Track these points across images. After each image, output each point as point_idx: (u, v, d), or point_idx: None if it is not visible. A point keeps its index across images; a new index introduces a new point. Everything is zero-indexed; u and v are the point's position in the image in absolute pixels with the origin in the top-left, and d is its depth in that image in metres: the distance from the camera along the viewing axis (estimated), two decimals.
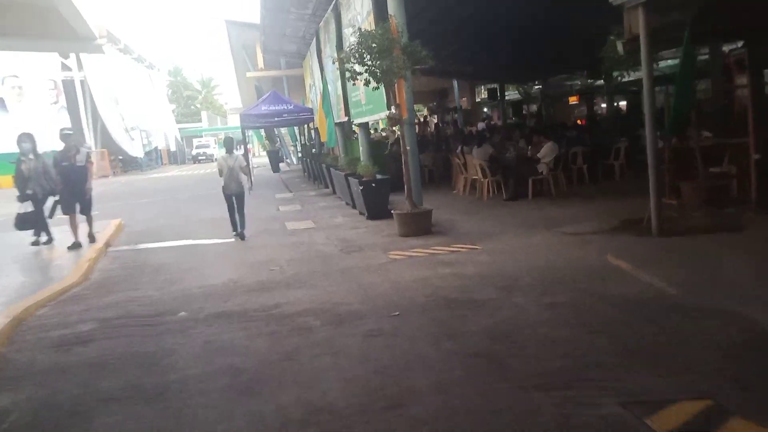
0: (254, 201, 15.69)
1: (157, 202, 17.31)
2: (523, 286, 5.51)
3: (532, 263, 6.33)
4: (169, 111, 55.28)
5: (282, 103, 17.63)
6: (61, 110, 33.21)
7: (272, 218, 12.00)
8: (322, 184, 17.62)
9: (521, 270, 6.10)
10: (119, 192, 23.18)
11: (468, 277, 6.01)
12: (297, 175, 24.42)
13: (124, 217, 14.09)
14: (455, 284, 5.80)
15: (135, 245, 9.84)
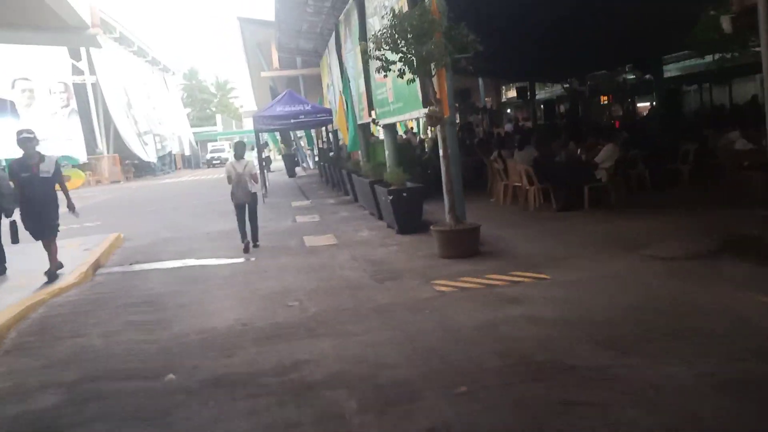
0: (268, 210, 14.36)
1: (165, 211, 16.04)
2: (639, 341, 3.98)
3: (631, 302, 4.81)
4: (183, 115, 54.47)
5: (298, 103, 16.27)
6: (72, 114, 32.30)
7: (288, 231, 10.59)
8: (341, 191, 16.22)
9: (620, 313, 4.59)
10: (127, 199, 22.02)
11: (548, 324, 4.51)
12: (314, 180, 23.07)
13: (126, 229, 12.80)
14: (534, 335, 4.31)
15: (129, 266, 8.45)
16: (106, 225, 13.81)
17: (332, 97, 20.31)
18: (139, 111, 39.23)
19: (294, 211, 13.46)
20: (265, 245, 9.25)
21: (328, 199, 15.54)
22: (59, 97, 31.97)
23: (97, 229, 13.20)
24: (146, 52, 43.74)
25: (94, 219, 15.36)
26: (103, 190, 28.53)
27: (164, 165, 41.93)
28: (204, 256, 8.81)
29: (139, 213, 16.34)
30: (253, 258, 8.28)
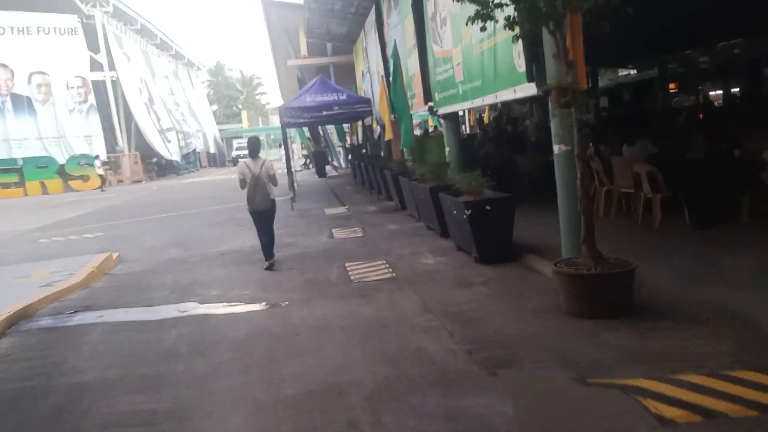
0: (298, 218, 11.85)
1: (180, 218, 13.71)
2: None
3: None
4: (209, 111, 52.65)
5: (331, 92, 13.75)
6: (90, 110, 30.44)
7: (325, 253, 8.05)
8: (381, 195, 13.66)
9: None
10: (144, 202, 19.84)
11: None
12: (347, 181, 20.56)
13: (128, 242, 10.48)
14: None
15: (95, 316, 5.89)
16: (107, 237, 11.52)
17: (368, 86, 17.75)
18: (161, 107, 37.33)
19: (329, 222, 10.93)
20: (297, 275, 6.75)
21: (368, 205, 12.98)
22: (77, 93, 30.13)
23: (96, 243, 10.92)
24: (169, 46, 41.88)
25: (98, 228, 13.13)
26: (121, 191, 26.55)
27: (188, 163, 40.00)
28: (211, 294, 6.33)
29: (150, 220, 14.04)
30: (283, 302, 5.74)
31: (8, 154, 28.76)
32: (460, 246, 7.11)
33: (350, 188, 17.69)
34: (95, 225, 13.87)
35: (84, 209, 18.68)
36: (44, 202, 23.32)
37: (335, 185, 19.10)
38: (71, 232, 12.97)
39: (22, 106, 29.47)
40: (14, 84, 29.41)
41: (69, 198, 24.79)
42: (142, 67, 36.18)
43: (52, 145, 29.49)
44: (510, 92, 5.88)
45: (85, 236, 12.02)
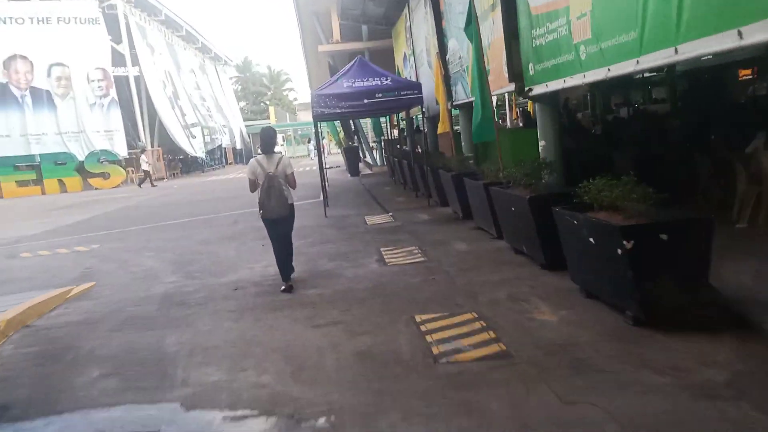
0: (334, 231, 9.35)
1: (192, 226, 11.38)
2: None
3: None
4: (236, 106, 50.73)
5: (373, 76, 11.20)
6: (111, 104, 28.54)
7: (379, 294, 5.49)
8: (432, 199, 11.13)
9: None
10: (157, 204, 17.65)
11: None
12: (383, 180, 18.04)
13: (117, 264, 8.15)
14: None
15: None
16: (100, 253, 9.26)
17: (410, 71, 15.17)
18: (186, 102, 35.38)
19: (374, 236, 8.42)
20: (345, 339, 4.27)
21: (416, 212, 10.43)
22: (97, 86, 28.24)
23: (83, 260, 8.65)
24: (195, 38, 39.92)
25: (98, 238, 10.90)
26: (138, 190, 24.54)
27: (213, 160, 38.01)
28: (208, 380, 3.83)
29: (160, 228, 11.75)
30: (325, 415, 3.20)
31: (26, 150, 27.05)
32: (594, 292, 4.53)
33: (389, 189, 15.17)
34: (97, 233, 11.66)
35: (95, 211, 16.58)
36: (58, 202, 21.40)
37: (371, 185, 16.60)
38: (65, 242, 10.76)
39: (42, 100, 27.72)
40: (33, 77, 27.67)
41: (85, 197, 22.86)
42: (166, 59, 34.24)
43: (71, 141, 27.69)
44: (728, 37, 3.24)
45: (77, 249, 9.77)
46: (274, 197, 5.57)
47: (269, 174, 5.55)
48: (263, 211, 5.67)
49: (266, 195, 5.57)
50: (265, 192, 5.57)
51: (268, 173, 5.55)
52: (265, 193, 5.58)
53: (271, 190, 5.56)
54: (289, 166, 5.74)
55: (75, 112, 27.90)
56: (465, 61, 9.01)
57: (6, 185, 26.24)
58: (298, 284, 6.02)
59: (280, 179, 5.59)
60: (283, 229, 5.85)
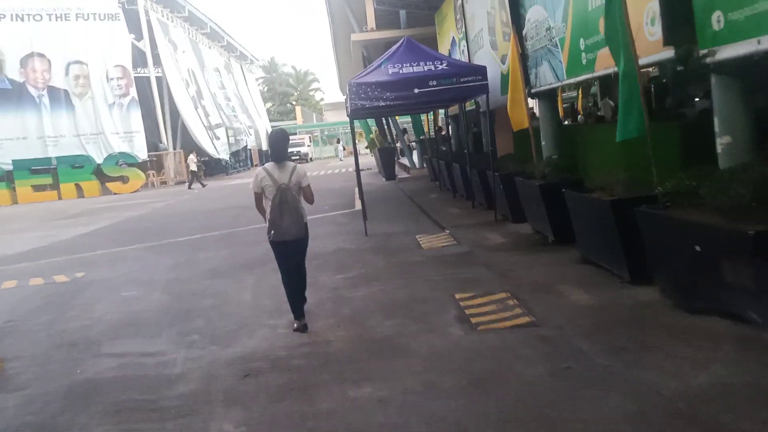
0: (382, 262, 6.64)
1: (203, 246, 9.22)
2: None
3: None
4: (262, 106, 49.00)
5: (425, 59, 8.84)
6: (131, 104, 26.83)
7: (473, 391, 3.13)
8: (485, 206, 8.72)
9: None
10: (171, 213, 15.64)
11: None
12: (424, 185, 15.67)
13: (82, 310, 5.99)
14: None
15: None
16: (76, 285, 7.16)
17: (459, 59, 12.74)
18: (210, 102, 33.61)
19: (437, 270, 6.06)
20: None
21: (482, 230, 8.02)
22: (116, 84, 26.56)
23: (48, 296, 6.54)
24: (220, 36, 38.20)
25: (88, 260, 8.85)
26: (158, 195, 22.70)
27: (238, 161, 36.18)
28: None
29: (161, 249, 9.66)
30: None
31: (43, 152, 25.53)
32: None
33: (435, 197, 12.80)
34: (92, 253, 9.63)
35: (103, 221, 14.66)
36: (71, 209, 19.66)
37: (412, 192, 14.25)
38: (49, 267, 8.73)
39: (59, 100, 26.19)
40: (51, 76, 26.15)
41: (101, 203, 21.09)
42: (190, 57, 32.52)
43: (89, 143, 26.09)
44: None
45: (56, 279, 7.70)
46: (287, 215, 4.52)
47: (281, 186, 4.51)
48: (274, 232, 4.57)
49: (278, 212, 4.52)
50: (277, 209, 4.52)
51: (280, 185, 4.51)
52: (276, 210, 4.52)
53: (283, 206, 4.51)
54: (304, 177, 4.68)
55: (93, 113, 26.28)
56: (558, 32, 6.60)
57: (22, 190, 24.74)
58: (343, 372, 3.72)
59: (294, 193, 4.57)
60: (297, 254, 4.80)
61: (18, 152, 24.99)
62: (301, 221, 4.60)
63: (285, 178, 4.51)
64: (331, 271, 6.65)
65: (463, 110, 11.23)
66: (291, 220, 4.51)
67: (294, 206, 4.53)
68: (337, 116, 55.73)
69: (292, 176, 4.54)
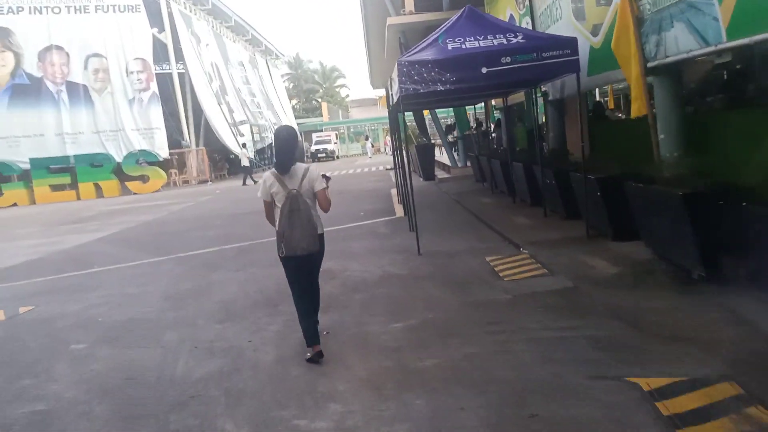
0: (448, 301, 4.40)
1: (216, 264, 7.45)
2: None
3: None
4: (287, 102, 47.46)
5: (494, 31, 6.88)
6: (152, 100, 25.42)
7: None
8: (557, 213, 6.69)
9: None
10: (189, 217, 14.00)
11: None
12: (470, 186, 13.69)
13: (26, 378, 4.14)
14: None
15: None
16: (43, 320, 5.43)
17: None
18: (234, 97, 32.10)
19: (541, 322, 4.09)
20: None
21: (576, 250, 6.02)
22: (136, 78, 25.17)
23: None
24: (245, 29, 36.69)
25: (56, 287, 7.14)
26: (178, 195, 21.19)
27: (263, 159, 34.58)
28: None
29: (163, 269, 7.94)
30: None
31: (61, 150, 24.30)
32: None
33: (489, 202, 10.81)
34: (74, 273, 7.96)
35: (111, 227, 13.09)
36: (84, 211, 18.27)
37: (459, 195, 12.29)
38: (9, 292, 7.06)
39: (78, 95, 24.94)
40: (70, 70, 24.90)
41: (118, 204, 19.67)
42: (213, 51, 31.03)
43: (109, 140, 24.77)
44: None
45: (20, 313, 5.99)
46: (299, 226, 3.80)
47: (292, 193, 3.82)
48: (285, 245, 3.83)
49: (288, 223, 3.80)
50: (287, 219, 3.80)
51: (290, 192, 3.82)
52: (286, 221, 3.81)
53: (294, 216, 3.79)
54: (318, 181, 3.92)
55: (113, 109, 24.96)
56: None
57: (39, 190, 23.55)
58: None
59: (308, 200, 3.84)
60: (310, 270, 4.08)
61: (35, 150, 23.82)
62: (315, 233, 3.90)
63: (295, 183, 3.85)
64: (383, 314, 4.78)
65: (531, 98, 9.19)
66: (303, 232, 3.82)
67: (306, 215, 3.84)
68: (363, 113, 53.90)
69: (304, 180, 3.87)
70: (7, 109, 24.26)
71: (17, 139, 24.05)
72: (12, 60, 24.54)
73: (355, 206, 12.46)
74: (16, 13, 24.60)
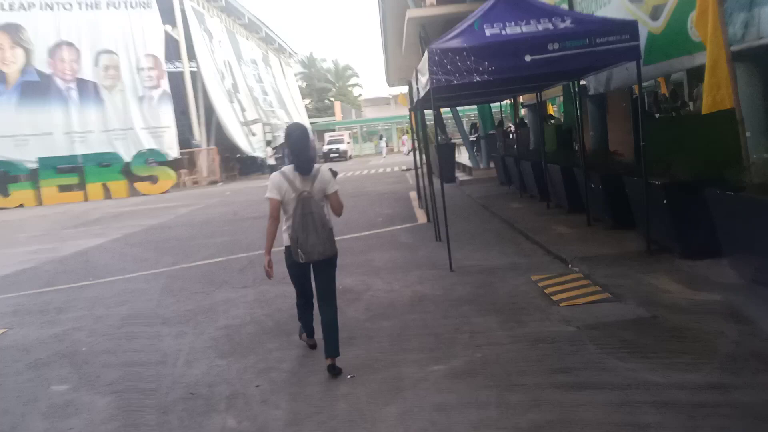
0: (496, 336, 3.74)
1: (217, 282, 6.62)
2: None
3: None
4: (300, 102, 46.73)
5: (537, 15, 5.99)
6: (162, 98, 24.77)
7: None
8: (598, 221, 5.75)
9: None
10: (194, 221, 13.23)
11: None
12: (494, 189, 12.77)
13: None
14: None
15: None
16: None
17: None
18: (246, 96, 31.41)
19: (628, 374, 3.15)
20: None
21: (634, 267, 5.08)
22: (147, 75, 24.53)
23: None
24: (258, 27, 36.00)
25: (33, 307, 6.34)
26: (187, 197, 20.49)
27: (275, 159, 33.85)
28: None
29: (155, 287, 7.16)
30: None
31: (69, 149, 23.72)
32: None
33: (519, 207, 9.88)
34: (71, 285, 7.17)
35: (115, 232, 12.37)
36: (90, 213, 17.63)
37: (485, 199, 11.37)
38: (2, 307, 6.28)
39: (88, 93, 24.36)
40: (80, 67, 24.33)
41: (125, 206, 19.00)
42: (226, 48, 30.35)
43: (118, 139, 24.16)
44: None
45: None
46: (313, 229, 3.52)
47: (304, 195, 3.53)
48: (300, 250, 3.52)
49: (301, 226, 3.52)
50: (299, 222, 3.52)
51: (302, 194, 3.53)
52: (299, 224, 3.53)
53: (307, 220, 3.51)
54: (331, 183, 3.65)
55: (123, 107, 24.35)
56: None
57: (47, 190, 22.99)
58: None
59: (319, 201, 3.58)
60: (327, 277, 3.69)
61: (43, 148, 23.26)
62: (331, 235, 3.67)
63: (307, 185, 3.60)
64: (418, 349, 3.91)
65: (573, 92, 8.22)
66: (318, 236, 3.56)
67: (320, 219, 3.59)
68: (376, 112, 53.03)
69: (315, 181, 3.61)
70: (17, 107, 23.74)
71: (26, 138, 23.52)
72: (22, 56, 24.04)
73: (372, 211, 11.61)
74: (27, 9, 24.10)
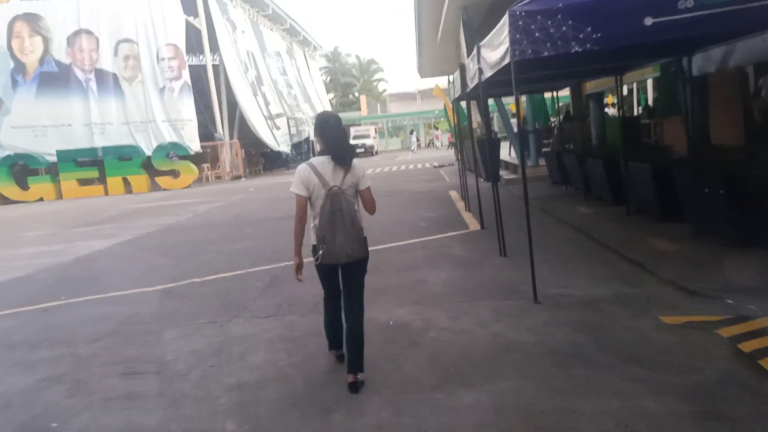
0: None
1: (233, 309, 5.26)
2: None
3: None
4: (324, 95, 45.51)
5: None
6: (183, 89, 23.69)
7: None
8: (711, 235, 4.25)
9: None
10: (215, 221, 11.98)
11: None
12: (548, 189, 11.21)
13: None
14: None
15: None
16: None
17: None
18: (270, 89, 30.22)
19: None
20: None
21: None
22: (167, 66, 23.46)
23: None
24: (283, 19, 34.78)
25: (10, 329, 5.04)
26: (208, 193, 19.37)
27: (300, 154, 32.69)
28: None
29: (156, 314, 5.85)
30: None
31: (89, 141, 22.84)
32: None
33: (590, 212, 8.34)
34: (58, 302, 5.93)
35: (128, 232, 11.19)
36: (107, 209, 16.60)
37: (540, 201, 9.83)
38: None
39: (108, 84, 23.43)
40: (99, 56, 23.41)
41: (144, 202, 17.94)
42: (249, 39, 29.18)
43: (138, 131, 23.20)
44: None
45: None
46: (341, 228, 3.12)
47: (333, 191, 3.11)
48: (325, 253, 3.13)
49: (329, 225, 3.11)
50: (327, 220, 3.11)
51: (331, 189, 3.11)
52: (327, 222, 3.12)
53: (336, 217, 3.10)
54: (364, 177, 3.23)
55: (143, 99, 23.36)
56: None
57: (66, 184, 22.13)
58: None
59: (350, 198, 3.16)
60: (355, 283, 3.28)
61: (62, 140, 22.42)
62: (361, 235, 3.19)
63: (338, 179, 3.11)
64: None
65: (682, 71, 6.63)
66: (348, 236, 3.11)
67: (350, 217, 3.13)
68: (402, 107, 51.43)
69: (347, 175, 3.12)
70: (35, 98, 22.96)
71: (44, 129, 22.72)
72: (41, 45, 23.22)
73: (411, 213, 10.19)
74: None
